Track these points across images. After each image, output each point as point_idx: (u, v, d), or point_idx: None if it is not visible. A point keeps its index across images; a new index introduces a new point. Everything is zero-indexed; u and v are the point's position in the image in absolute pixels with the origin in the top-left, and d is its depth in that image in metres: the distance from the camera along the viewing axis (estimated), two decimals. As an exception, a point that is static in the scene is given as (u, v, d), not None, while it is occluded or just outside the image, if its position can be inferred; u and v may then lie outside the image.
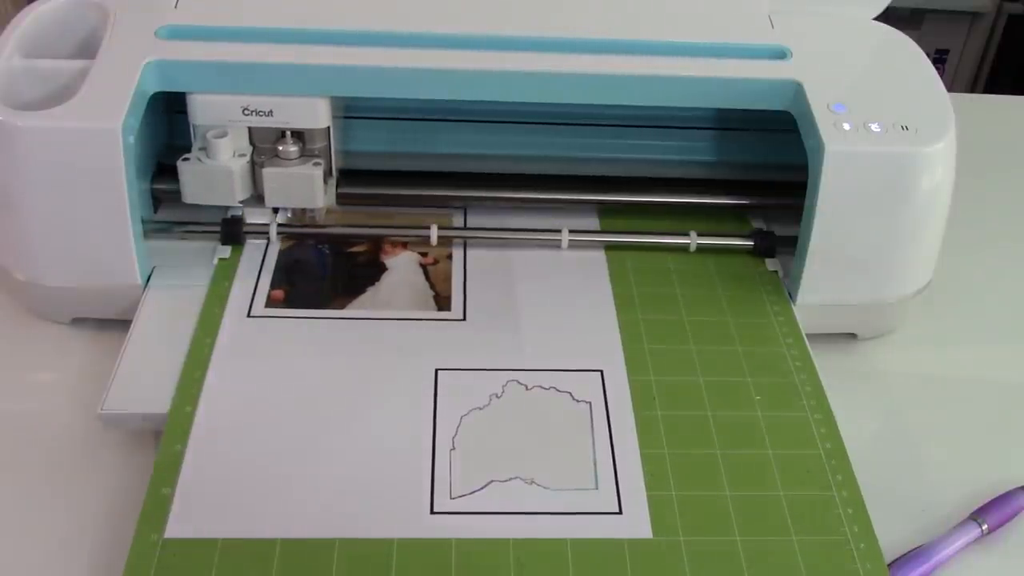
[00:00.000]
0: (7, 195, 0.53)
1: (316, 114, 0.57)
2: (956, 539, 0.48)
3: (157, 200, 0.60)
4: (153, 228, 0.59)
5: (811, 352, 0.55)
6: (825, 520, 0.46)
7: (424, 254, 0.60)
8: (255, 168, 0.58)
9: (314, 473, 0.47)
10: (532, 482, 0.47)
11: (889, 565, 0.46)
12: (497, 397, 0.51)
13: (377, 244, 0.60)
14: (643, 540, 0.45)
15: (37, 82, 0.55)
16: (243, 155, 0.58)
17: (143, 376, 0.51)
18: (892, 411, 0.57)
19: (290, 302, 0.56)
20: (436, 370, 0.52)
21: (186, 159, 0.57)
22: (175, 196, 0.60)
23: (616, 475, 0.48)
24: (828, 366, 0.54)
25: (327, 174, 0.60)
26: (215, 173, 0.57)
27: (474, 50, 0.56)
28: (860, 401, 0.56)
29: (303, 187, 0.58)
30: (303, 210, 0.60)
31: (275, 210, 0.61)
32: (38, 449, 0.51)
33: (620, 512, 0.46)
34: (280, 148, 0.58)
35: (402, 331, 0.55)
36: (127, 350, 0.53)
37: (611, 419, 0.50)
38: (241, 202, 0.59)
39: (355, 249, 0.60)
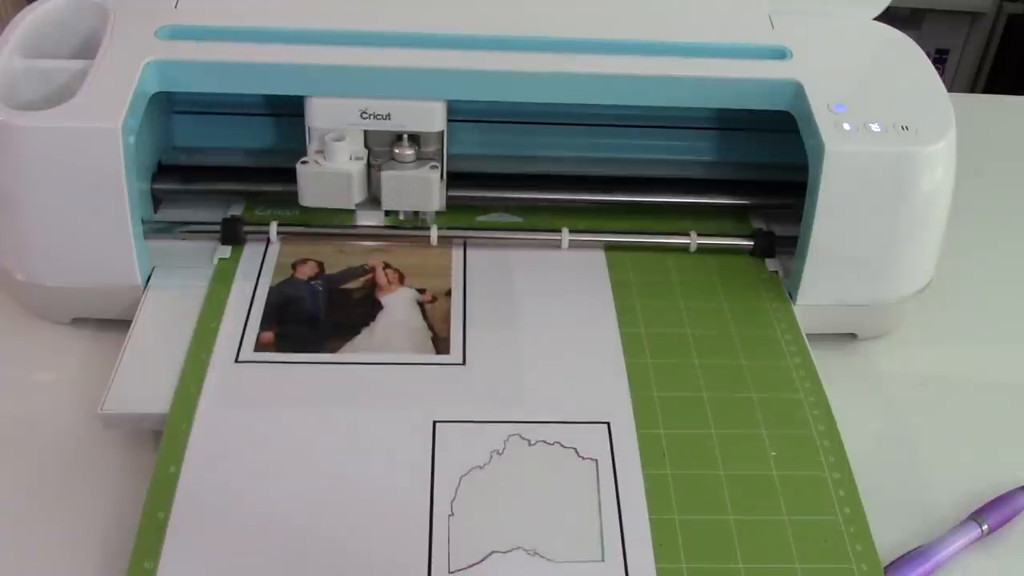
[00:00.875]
0: (7, 195, 0.53)
1: (433, 118, 0.57)
2: (956, 539, 0.48)
3: (157, 200, 0.61)
4: (153, 228, 0.59)
5: (811, 352, 0.55)
6: None
7: (422, 291, 0.58)
8: (371, 171, 0.58)
9: (301, 550, 0.44)
10: (535, 553, 0.44)
11: (889, 565, 0.46)
12: (499, 454, 0.48)
13: (372, 280, 0.58)
14: None
15: (37, 82, 0.55)
16: (360, 158, 0.58)
17: (143, 376, 0.51)
18: (892, 411, 0.57)
19: (281, 344, 0.53)
20: (434, 422, 0.49)
21: (304, 162, 0.57)
22: (175, 196, 0.60)
23: (624, 544, 0.45)
24: (828, 366, 0.54)
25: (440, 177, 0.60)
26: (334, 176, 0.57)
27: (474, 50, 0.56)
28: (860, 401, 0.56)
29: (421, 189, 0.59)
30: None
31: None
32: (38, 449, 0.51)
33: None
34: (396, 151, 0.58)
35: (399, 377, 0.52)
36: (127, 350, 0.53)
37: (618, 478, 0.48)
38: (356, 205, 0.59)
39: (349, 286, 0.58)
